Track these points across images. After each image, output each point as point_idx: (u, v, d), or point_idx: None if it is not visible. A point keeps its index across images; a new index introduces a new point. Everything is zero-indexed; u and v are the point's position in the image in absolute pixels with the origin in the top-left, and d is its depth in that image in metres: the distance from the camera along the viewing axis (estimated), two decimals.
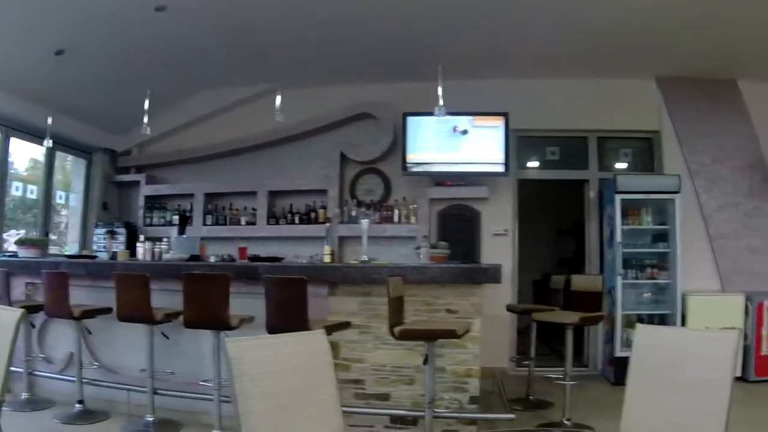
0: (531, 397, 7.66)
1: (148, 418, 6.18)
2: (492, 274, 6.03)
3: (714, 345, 3.14)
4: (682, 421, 3.04)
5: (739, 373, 8.67)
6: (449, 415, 5.96)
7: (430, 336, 4.96)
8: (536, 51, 8.93)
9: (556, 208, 13.20)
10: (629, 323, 8.56)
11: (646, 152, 10.16)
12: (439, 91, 6.95)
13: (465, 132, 9.45)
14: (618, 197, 8.86)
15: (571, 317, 6.41)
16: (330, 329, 4.93)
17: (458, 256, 7.80)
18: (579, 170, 10.11)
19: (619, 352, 8.50)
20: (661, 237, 9.07)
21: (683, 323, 8.64)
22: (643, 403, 3.24)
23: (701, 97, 9.89)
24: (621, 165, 10.19)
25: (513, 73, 9.64)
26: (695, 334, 3.47)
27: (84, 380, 6.58)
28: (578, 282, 7.25)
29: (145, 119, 8.08)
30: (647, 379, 3.27)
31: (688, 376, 3.12)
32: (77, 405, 6.49)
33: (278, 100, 7.79)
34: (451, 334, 4.86)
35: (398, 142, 9.73)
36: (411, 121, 9.51)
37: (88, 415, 6.43)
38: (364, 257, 6.73)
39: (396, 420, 6.09)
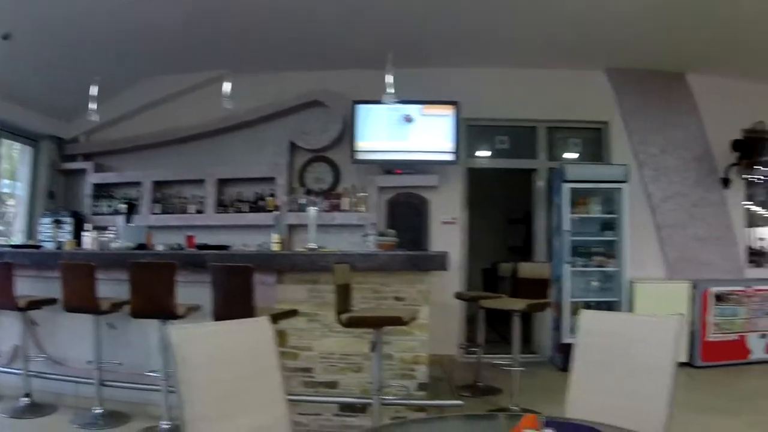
0: (479, 384, 7.79)
1: (96, 411, 6.15)
2: (439, 262, 6.12)
3: (656, 330, 3.23)
4: (625, 404, 3.09)
5: (686, 359, 9.01)
6: (398, 402, 6.03)
7: (376, 323, 5.03)
8: (487, 40, 9.02)
9: (506, 197, 13.37)
10: (576, 310, 8.74)
11: (595, 142, 10.34)
12: (388, 79, 6.98)
13: (414, 120, 9.48)
14: (566, 186, 9.04)
15: (518, 304, 6.52)
16: (276, 317, 4.98)
17: (407, 244, 7.88)
18: (529, 159, 10.25)
19: (566, 339, 8.68)
20: (609, 226, 9.26)
21: (630, 310, 8.81)
22: (587, 388, 3.30)
23: (651, 90, 10.13)
24: (571, 155, 10.36)
25: (464, 61, 9.71)
26: (638, 320, 3.56)
27: (30, 373, 6.53)
28: (525, 270, 7.38)
29: (93, 106, 7.98)
30: (591, 363, 3.33)
31: (632, 361, 3.20)
32: (24, 398, 6.44)
33: (227, 86, 7.77)
34: (398, 321, 4.94)
35: (348, 131, 9.73)
36: (361, 109, 9.54)
37: (35, 409, 6.39)
38: (312, 245, 6.77)
39: (345, 408, 6.16)
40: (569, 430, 2.56)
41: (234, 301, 5.02)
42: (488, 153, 10.39)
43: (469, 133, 10.06)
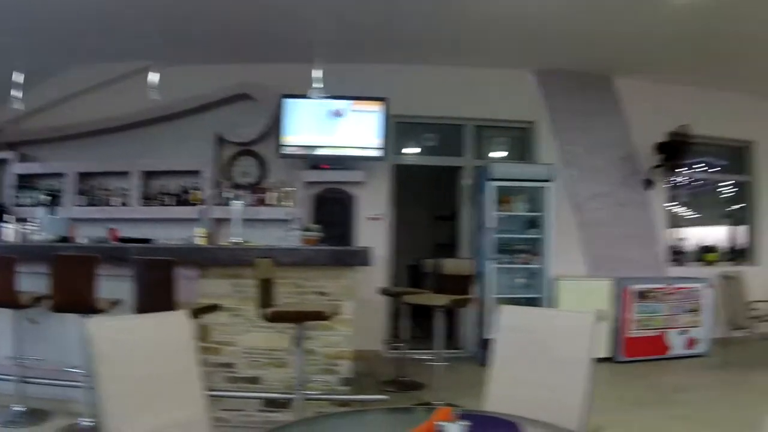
0: (404, 379, 7.89)
1: (15, 408, 6.06)
2: (362, 257, 6.21)
3: (573, 324, 3.35)
4: (543, 397, 3.18)
5: (608, 354, 9.33)
6: (321, 397, 6.11)
7: (298, 318, 5.11)
8: (417, 37, 9.09)
9: (433, 194, 13.49)
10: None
11: (522, 142, 10.58)
12: (315, 73, 7.04)
13: (342, 115, 9.52)
14: (492, 184, 9.24)
15: (441, 300, 6.64)
16: (198, 311, 5.02)
17: (333, 240, 7.92)
18: (456, 157, 10.41)
19: (489, 335, 8.82)
20: (534, 224, 9.50)
21: (554, 307, 8.99)
22: (505, 381, 3.38)
23: (578, 91, 10.44)
24: (498, 153, 10.57)
25: (394, 58, 9.78)
26: (555, 314, 3.69)
27: None
28: (449, 266, 7.51)
29: (17, 93, 7.88)
30: (510, 357, 3.42)
31: (549, 355, 3.33)
32: None
33: (153, 77, 7.73)
34: (319, 316, 5.02)
35: (277, 125, 9.68)
36: (289, 103, 9.51)
37: None
38: (236, 239, 6.79)
39: (268, 403, 6.21)
40: (485, 422, 2.64)
41: (156, 295, 5.04)
42: (416, 150, 10.54)
43: (398, 129, 10.14)
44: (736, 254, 11.96)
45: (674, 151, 10.16)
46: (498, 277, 9.24)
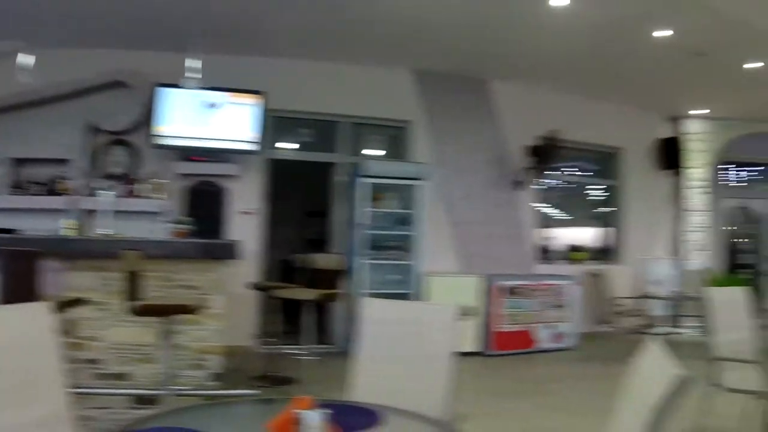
0: (275, 375, 7.94)
1: None
2: (232, 251, 6.25)
3: (435, 317, 3.46)
4: (407, 388, 3.25)
5: (478, 348, 9.68)
6: (190, 393, 6.08)
7: (166, 311, 5.13)
8: (297, 31, 9.13)
9: (309, 190, 13.51)
10: None
11: (397, 140, 10.80)
12: (190, 63, 6.98)
13: (217, 107, 9.44)
14: (365, 181, 9.43)
15: (310, 294, 6.73)
16: (62, 305, 4.95)
17: (204, 233, 7.89)
18: (331, 153, 10.51)
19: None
20: (407, 221, 9.70)
21: None
22: (369, 373, 3.43)
23: (455, 93, 10.76)
24: (373, 151, 10.76)
25: (272, 51, 9.78)
26: (419, 307, 3.79)
27: None
28: (320, 261, 7.62)
29: None
30: (374, 349, 3.48)
31: (413, 346, 3.42)
32: None
33: (24, 59, 7.51)
34: (186, 310, 5.06)
35: (150, 114, 9.49)
36: (163, 92, 9.34)
37: None
38: (105, 231, 6.71)
39: (137, 400, 6.13)
40: (346, 410, 2.68)
41: (19, 287, 4.93)
42: (292, 145, 10.60)
43: (274, 124, 10.09)
44: (603, 254, 12.55)
45: (545, 154, 10.58)
46: (370, 273, 9.41)
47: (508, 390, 7.84)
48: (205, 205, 9.57)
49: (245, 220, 9.75)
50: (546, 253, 11.81)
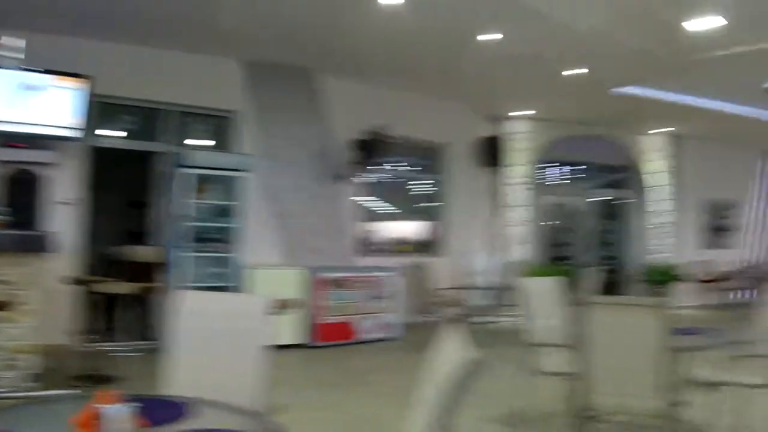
0: (96, 373, 7.80)
1: None
2: (48, 243, 6.09)
3: (247, 309, 3.54)
4: (221, 381, 3.23)
5: (302, 340, 9.86)
6: (5, 395, 5.87)
7: None
8: (124, 15, 8.88)
9: (131, 180, 13.21)
10: None
11: (223, 130, 10.80)
12: (10, 42, 6.73)
13: (38, 90, 9.04)
14: (189, 172, 9.40)
15: (128, 288, 6.69)
16: None
17: (21, 224, 7.63)
18: (156, 142, 10.34)
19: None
20: (230, 213, 9.76)
21: None
22: (185, 367, 3.41)
23: (282, 85, 10.90)
24: (199, 141, 10.73)
25: (100, 34, 9.47)
26: (231, 298, 3.86)
27: None
28: (139, 254, 7.58)
29: None
30: (189, 343, 3.46)
31: (227, 338, 3.45)
32: None
33: None
34: None
35: None
36: None
37: None
38: None
39: None
40: (154, 404, 2.69)
41: None
42: (115, 133, 10.36)
43: (98, 110, 9.68)
44: (427, 246, 12.98)
45: (370, 148, 10.87)
46: (192, 266, 9.35)
47: (331, 381, 8.10)
48: (22, 195, 9.20)
49: (64, 211, 9.41)
50: (371, 246, 12.14)
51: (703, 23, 8.37)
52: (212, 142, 10.82)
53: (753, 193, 18.66)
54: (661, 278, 15.26)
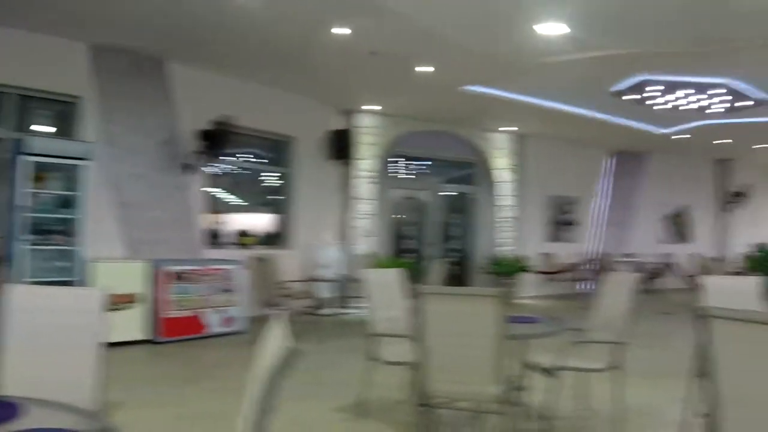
0: None
1: None
2: None
3: (82, 302, 3.50)
4: (54, 379, 3.21)
5: (147, 336, 9.75)
6: None
7: None
8: None
9: None
10: None
11: (67, 116, 10.41)
12: None
13: None
14: (26, 159, 8.97)
15: None
16: None
17: None
18: None
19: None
20: (71, 203, 9.45)
21: None
22: (17, 365, 3.32)
23: (130, 72, 10.70)
24: (41, 127, 10.36)
25: None
26: (65, 293, 3.77)
27: None
28: None
29: None
30: (21, 339, 3.37)
31: (59, 335, 3.40)
32: None
33: None
34: None
35: None
36: None
37: None
38: None
39: None
40: None
41: None
42: None
43: None
44: (274, 239, 13.10)
45: (216, 139, 10.87)
46: (31, 260, 9.00)
47: (174, 376, 8.08)
48: None
49: None
50: (216, 238, 12.14)
51: (548, 28, 8.79)
52: (54, 129, 10.44)
53: (597, 190, 19.62)
54: (507, 270, 15.90)
